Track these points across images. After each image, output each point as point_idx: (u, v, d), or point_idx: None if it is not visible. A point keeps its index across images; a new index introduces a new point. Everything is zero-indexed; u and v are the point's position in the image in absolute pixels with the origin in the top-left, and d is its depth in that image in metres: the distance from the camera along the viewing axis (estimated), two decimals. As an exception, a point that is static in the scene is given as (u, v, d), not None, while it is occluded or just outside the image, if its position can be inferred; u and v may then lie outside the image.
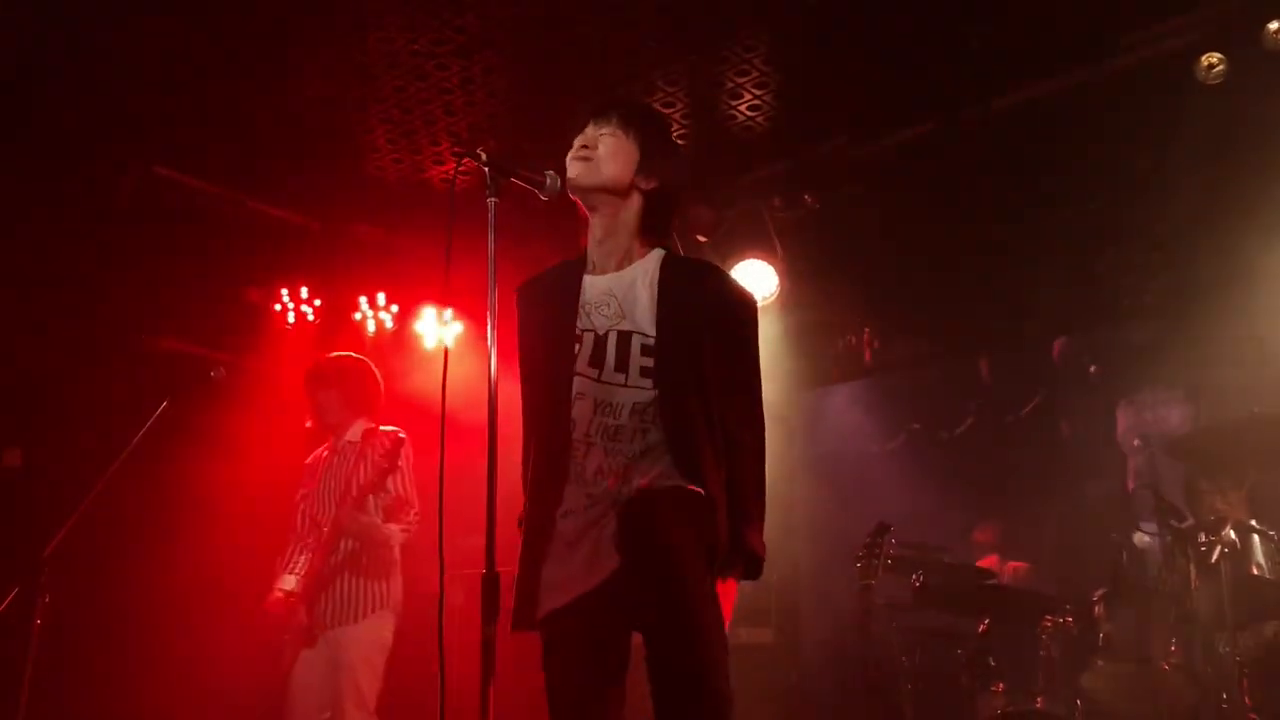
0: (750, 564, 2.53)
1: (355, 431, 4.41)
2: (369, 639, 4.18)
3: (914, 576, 4.69)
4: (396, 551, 4.31)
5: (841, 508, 6.17)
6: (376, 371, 4.54)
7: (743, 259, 5.78)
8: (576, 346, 2.55)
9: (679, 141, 4.52)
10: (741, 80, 4.84)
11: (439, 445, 2.44)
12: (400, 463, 4.24)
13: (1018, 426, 6.21)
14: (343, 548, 4.22)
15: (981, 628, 4.61)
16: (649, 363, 2.52)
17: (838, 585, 5.01)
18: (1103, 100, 4.78)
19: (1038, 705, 4.29)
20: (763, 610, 5.76)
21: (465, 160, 2.54)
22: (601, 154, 2.62)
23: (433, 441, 2.52)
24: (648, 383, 2.52)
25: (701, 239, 5.81)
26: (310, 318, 6.25)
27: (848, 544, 4.88)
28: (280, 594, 4.17)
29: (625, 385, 2.53)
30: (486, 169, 2.50)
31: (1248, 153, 4.94)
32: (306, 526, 4.36)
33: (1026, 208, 5.49)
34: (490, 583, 2.26)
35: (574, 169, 2.61)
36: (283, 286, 6.23)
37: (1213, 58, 4.31)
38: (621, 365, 2.53)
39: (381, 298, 6.39)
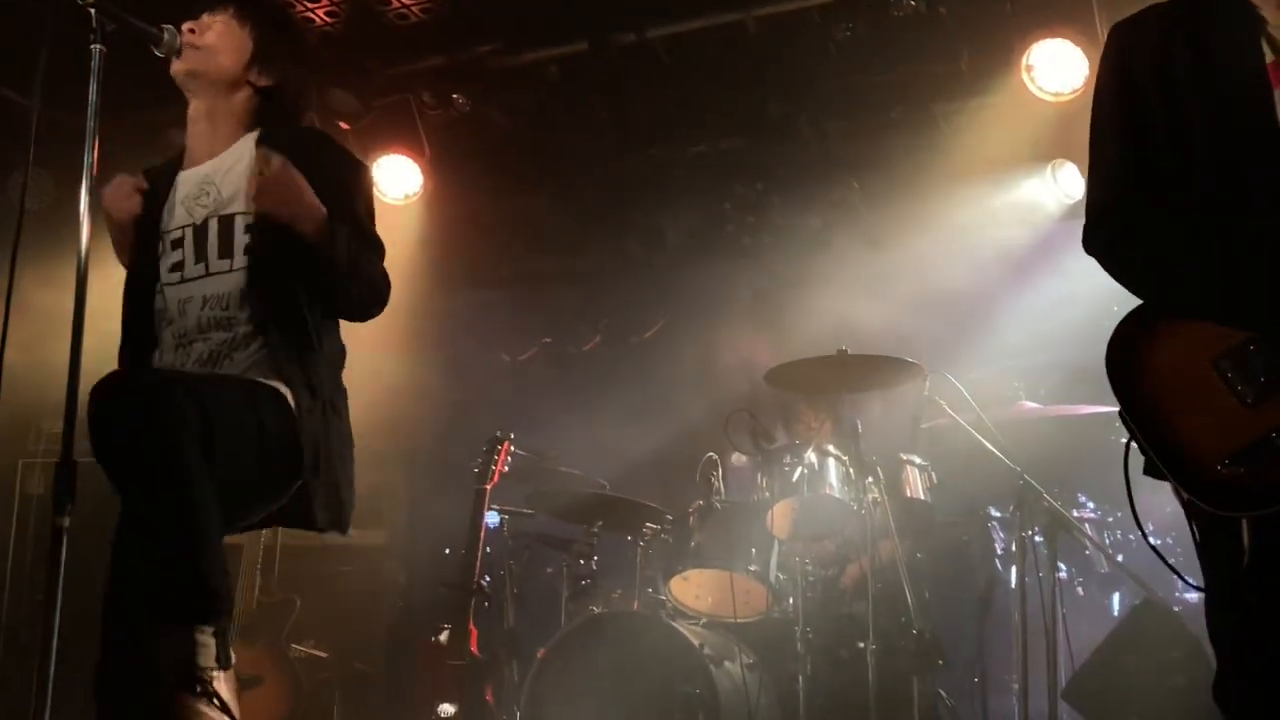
0: None
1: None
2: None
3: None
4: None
5: (468, 412, 6.19)
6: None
7: (387, 153, 5.59)
8: (161, 246, 2.44)
9: (317, 28, 4.18)
10: (401, -34, 4.61)
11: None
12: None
13: (642, 348, 6.46)
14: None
15: (589, 535, 4.80)
16: (251, 240, 2.41)
17: (457, 488, 5.04)
18: (748, 44, 4.98)
19: (634, 608, 4.47)
20: (375, 511, 5.72)
21: (68, -1, 2.25)
22: (211, 42, 2.46)
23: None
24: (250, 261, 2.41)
25: (344, 125, 5.53)
26: None
27: (471, 448, 4.91)
28: None
29: (231, 271, 2.41)
30: (93, 10, 2.26)
31: (872, 112, 5.47)
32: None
33: (664, 138, 5.65)
34: (64, 471, 2.14)
35: (180, 57, 2.44)
36: None
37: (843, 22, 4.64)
38: (225, 251, 2.41)
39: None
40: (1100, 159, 2.21)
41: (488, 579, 4.60)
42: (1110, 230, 2.17)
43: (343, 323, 2.63)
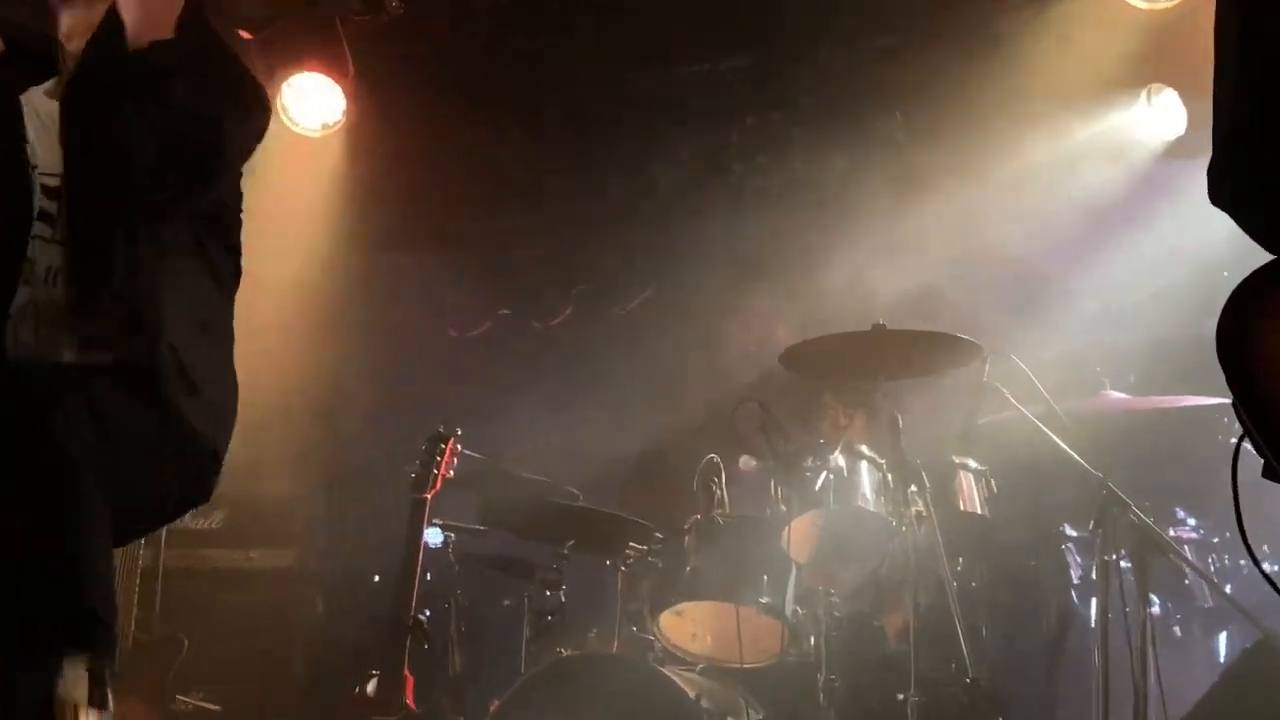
0: None
1: None
2: None
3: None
4: None
5: (403, 402, 6.25)
6: None
7: (299, 70, 5.60)
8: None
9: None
10: None
11: None
12: None
13: (625, 322, 6.50)
14: None
15: (558, 558, 4.82)
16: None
17: (389, 497, 5.11)
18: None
19: (613, 650, 4.50)
20: (284, 526, 5.78)
21: None
22: None
23: None
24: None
25: (245, 35, 5.47)
26: None
27: (407, 447, 4.94)
28: None
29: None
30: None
31: (916, 25, 5.50)
32: None
33: (655, 56, 5.69)
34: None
35: None
36: None
37: None
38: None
39: None
40: (1232, 80, 2.17)
41: (428, 613, 4.65)
42: (1243, 175, 2.14)
43: (240, 294, 2.71)
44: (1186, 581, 4.92)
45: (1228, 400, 2.10)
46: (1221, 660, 5.11)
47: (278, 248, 4.96)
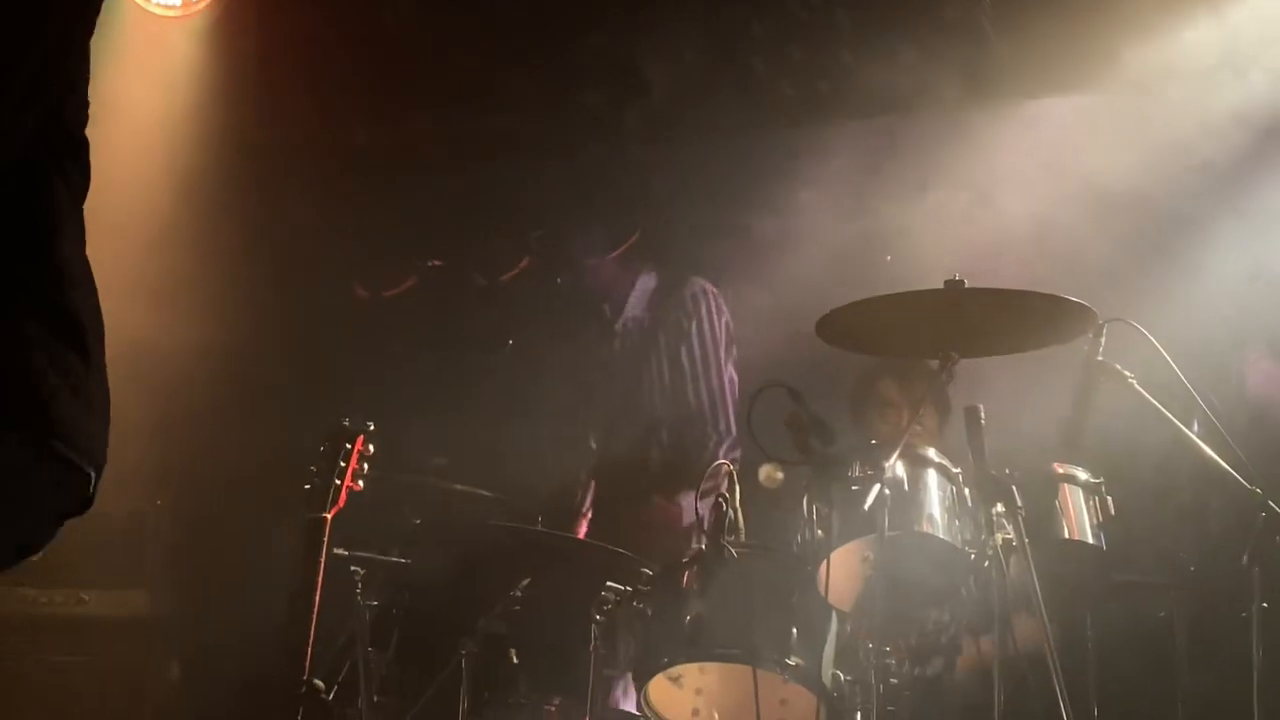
0: None
1: None
2: None
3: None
4: None
5: (294, 388, 6.30)
6: None
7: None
8: None
9: None
10: None
11: None
12: None
13: (602, 277, 6.42)
14: None
15: (508, 603, 4.81)
16: None
17: (273, 518, 5.14)
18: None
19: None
20: (128, 562, 5.81)
21: None
22: None
23: None
24: None
25: None
26: None
27: (299, 450, 4.95)
28: None
29: None
30: None
31: None
32: None
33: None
34: None
35: None
36: None
37: None
38: None
39: None
40: None
41: (326, 678, 4.55)
42: None
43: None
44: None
45: None
46: None
47: (122, 165, 5.03)
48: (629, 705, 4.63)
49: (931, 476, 4.37)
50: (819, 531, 4.35)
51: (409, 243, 6.80)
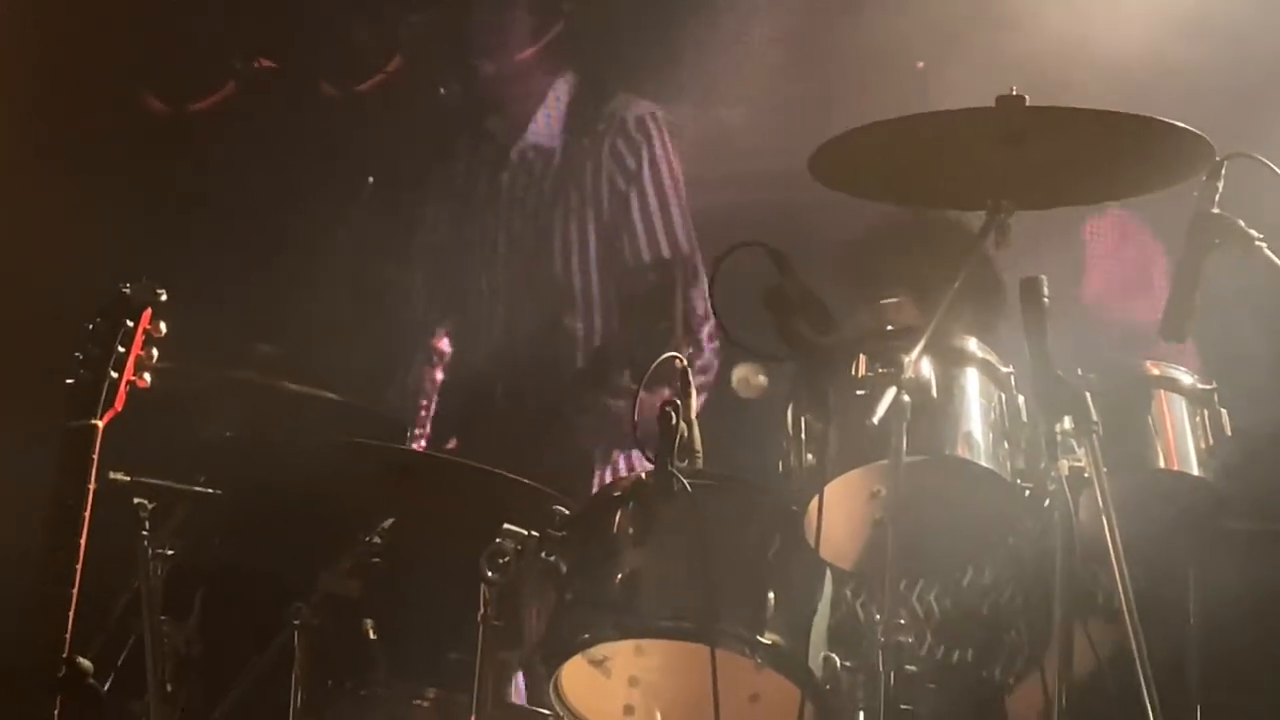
0: None
1: None
2: None
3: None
4: None
5: (49, 241, 6.27)
6: None
7: None
8: None
9: None
10: None
11: None
12: None
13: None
14: None
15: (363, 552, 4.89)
16: None
17: (23, 426, 5.13)
18: None
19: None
20: None
21: None
22: None
23: None
24: None
25: None
26: None
27: (56, 329, 5.00)
28: None
29: None
30: None
31: None
32: None
33: None
34: None
35: None
36: None
37: None
38: None
39: None
40: None
41: (90, 661, 4.45)
42: None
43: None
44: None
45: None
46: None
47: None
48: (533, 699, 4.70)
49: (971, 378, 4.37)
50: (808, 456, 4.36)
51: (225, 35, 6.81)
